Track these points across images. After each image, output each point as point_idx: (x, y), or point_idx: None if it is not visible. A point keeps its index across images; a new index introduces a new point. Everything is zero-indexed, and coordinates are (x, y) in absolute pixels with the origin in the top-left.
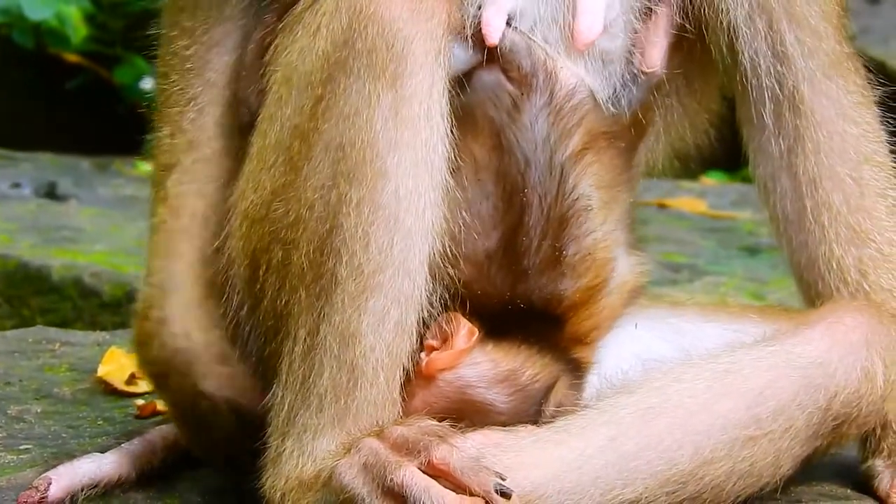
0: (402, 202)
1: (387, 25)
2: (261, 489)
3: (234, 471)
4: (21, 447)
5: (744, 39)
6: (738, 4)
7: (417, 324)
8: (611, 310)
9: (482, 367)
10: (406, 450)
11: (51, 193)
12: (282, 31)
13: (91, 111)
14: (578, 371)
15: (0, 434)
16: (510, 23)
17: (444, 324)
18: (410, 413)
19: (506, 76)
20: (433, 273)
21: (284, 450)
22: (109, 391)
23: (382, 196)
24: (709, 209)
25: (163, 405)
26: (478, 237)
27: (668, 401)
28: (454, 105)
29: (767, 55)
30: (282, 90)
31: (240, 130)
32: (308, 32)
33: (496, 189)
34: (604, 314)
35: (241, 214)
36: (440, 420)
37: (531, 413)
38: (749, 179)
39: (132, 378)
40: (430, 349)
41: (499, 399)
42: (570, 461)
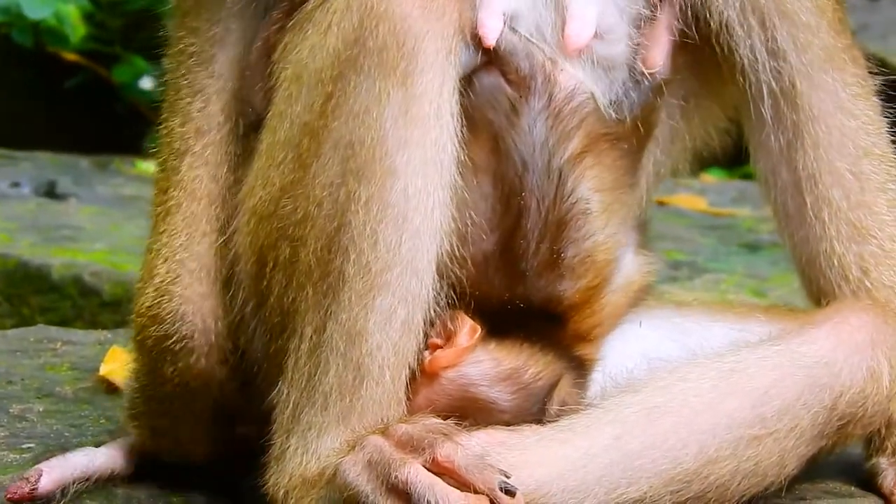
0: (411, 201)
1: (398, 23)
2: (264, 487)
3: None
4: (23, 446)
5: (738, 37)
6: (730, 4)
7: (424, 323)
8: (614, 308)
9: (485, 366)
10: (410, 447)
11: (50, 192)
12: (291, 29)
13: (90, 110)
14: (582, 369)
15: (2, 433)
16: (511, 24)
17: (448, 322)
18: (413, 411)
19: (504, 79)
20: (440, 272)
21: (289, 447)
22: (111, 390)
23: (391, 194)
24: (709, 206)
25: (144, 382)
26: (477, 238)
27: (673, 400)
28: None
29: (762, 52)
30: (292, 87)
31: (246, 129)
32: (319, 30)
33: (494, 192)
34: (606, 312)
35: (249, 210)
36: (443, 418)
37: (534, 411)
38: (749, 176)
39: None
40: (434, 347)
41: (501, 397)
42: (575, 460)
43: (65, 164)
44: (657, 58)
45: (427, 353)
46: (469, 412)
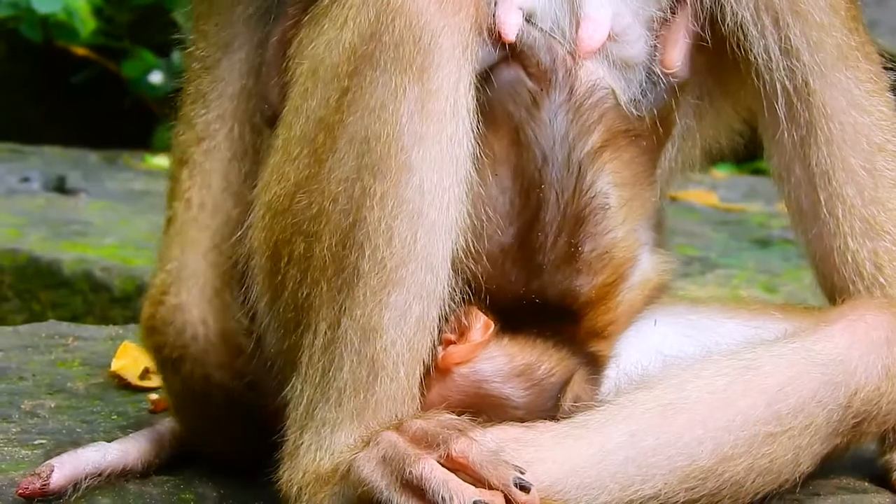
0: (426, 196)
1: (414, 18)
2: (277, 483)
3: (237, 466)
4: (35, 442)
5: (752, 37)
6: (744, 4)
7: (438, 319)
8: (630, 305)
9: (498, 362)
10: (425, 443)
11: (60, 187)
12: (307, 24)
13: (99, 105)
14: (596, 365)
15: (14, 429)
16: (530, 20)
17: (461, 317)
18: (426, 407)
19: (525, 72)
20: (455, 268)
21: (302, 443)
22: (123, 386)
23: (406, 190)
24: (720, 202)
25: (166, 395)
26: (494, 232)
27: (688, 397)
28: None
29: (775, 51)
30: (308, 83)
31: (258, 126)
32: (335, 25)
33: (513, 184)
34: (621, 309)
35: (265, 206)
36: (457, 414)
37: (548, 407)
38: (759, 171)
39: (146, 373)
40: (447, 342)
41: (515, 393)
42: (590, 456)
43: (74, 159)
44: (675, 59)
45: (440, 349)
46: (482, 408)
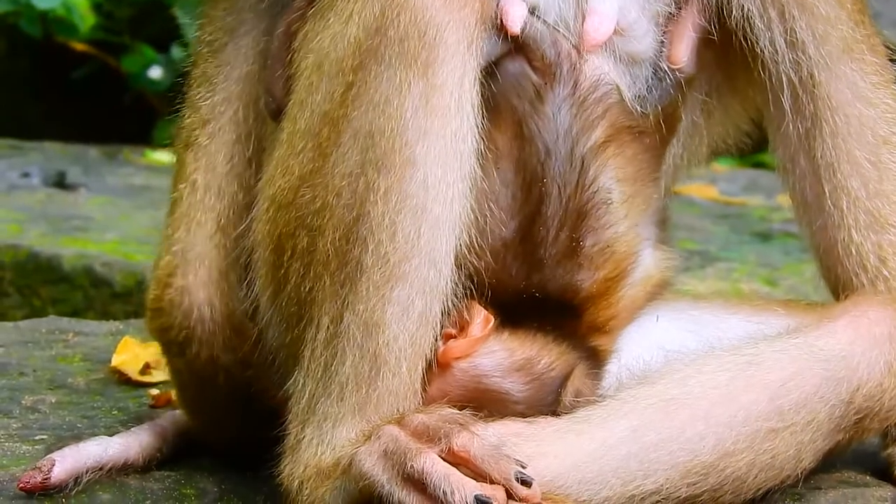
0: (430, 191)
1: (419, 13)
2: (279, 477)
3: (239, 459)
4: (36, 437)
5: (758, 30)
6: None
7: (441, 314)
8: (632, 301)
9: (498, 356)
10: (427, 437)
11: (60, 183)
12: (313, 17)
13: (99, 100)
14: (597, 360)
15: (15, 424)
16: (535, 13)
17: (461, 312)
18: (426, 402)
19: (530, 65)
20: (457, 263)
21: (304, 437)
22: (123, 381)
23: (410, 185)
24: (720, 195)
25: (171, 380)
26: (495, 226)
27: (690, 392)
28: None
29: (781, 43)
30: (312, 76)
31: (262, 110)
32: (340, 19)
33: (515, 178)
34: (623, 305)
35: (269, 199)
36: (458, 409)
37: (548, 402)
38: (760, 165)
39: (146, 368)
40: (447, 337)
41: (515, 388)
42: (591, 451)
43: (74, 155)
44: (682, 54)
45: (440, 344)
46: (482, 403)
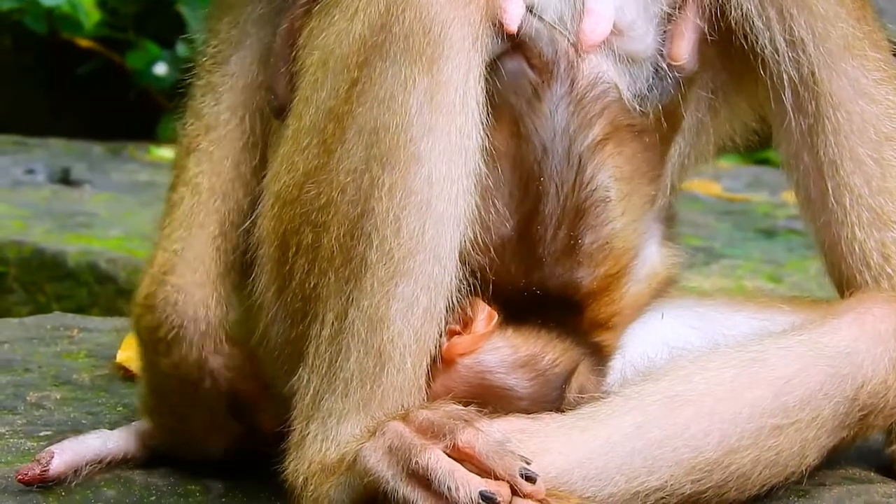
0: (435, 188)
1: (424, 10)
2: (283, 474)
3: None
4: (41, 434)
5: (757, 29)
6: None
7: (445, 310)
8: (636, 298)
9: (502, 353)
10: (431, 433)
11: (64, 179)
12: (317, 13)
13: (103, 96)
14: (601, 356)
15: (20, 420)
16: (533, 11)
17: (465, 308)
18: (430, 398)
19: (528, 63)
20: (462, 259)
21: (308, 434)
22: (128, 377)
23: (415, 181)
24: (724, 192)
25: (146, 378)
26: (496, 224)
27: (695, 389)
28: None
29: (781, 42)
30: (318, 73)
31: (267, 116)
32: (345, 16)
33: (513, 177)
34: (626, 301)
35: (274, 195)
36: (462, 405)
37: (552, 398)
38: (763, 161)
39: None
40: (451, 333)
41: (519, 384)
42: (596, 448)
43: (79, 151)
44: (682, 52)
45: (444, 340)
46: (486, 399)
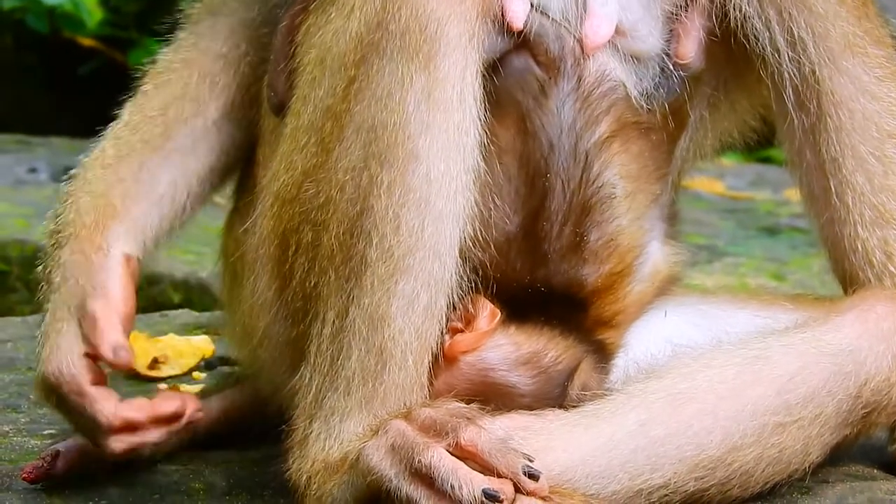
0: (434, 185)
1: (420, 7)
2: (286, 472)
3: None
4: (44, 432)
5: (758, 30)
6: None
7: (446, 307)
8: (639, 296)
9: (504, 350)
10: (434, 431)
11: (67, 178)
12: (314, 11)
13: (106, 95)
14: (604, 353)
15: (23, 419)
16: (538, 8)
17: (468, 306)
18: (433, 396)
19: (534, 60)
20: (462, 256)
21: (311, 432)
22: (132, 375)
23: (413, 179)
24: (727, 190)
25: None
26: (500, 220)
27: (698, 386)
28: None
29: (781, 42)
30: (315, 71)
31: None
32: (342, 14)
33: (519, 173)
34: (630, 299)
35: (273, 194)
36: (465, 403)
37: (555, 395)
38: (766, 160)
39: (154, 363)
40: (454, 331)
41: (521, 381)
42: (599, 445)
43: (81, 150)
44: (688, 52)
45: (447, 338)
46: (489, 396)
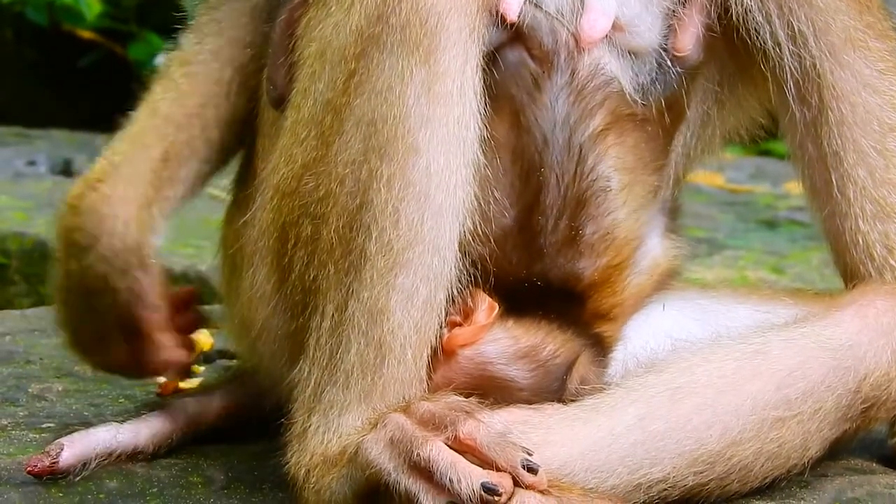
0: (433, 179)
1: (420, 1)
2: (285, 466)
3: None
4: (43, 426)
5: (758, 24)
6: None
7: (445, 301)
8: (637, 289)
9: (502, 344)
10: (433, 425)
11: (66, 171)
12: (314, 5)
13: (105, 88)
14: (602, 347)
15: (22, 412)
16: (533, 1)
17: (466, 299)
18: (431, 390)
19: (528, 53)
20: (461, 250)
21: (310, 426)
22: None
23: (413, 172)
24: (726, 183)
25: (57, 269)
26: (497, 214)
27: (697, 381)
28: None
29: (781, 36)
30: (315, 64)
31: (243, 75)
32: (342, 7)
33: (513, 167)
34: (628, 293)
35: (273, 187)
36: (463, 397)
37: (553, 389)
38: (766, 153)
39: None
40: (452, 325)
41: (519, 375)
42: (598, 439)
43: (80, 143)
44: (686, 45)
45: (445, 331)
46: (487, 390)
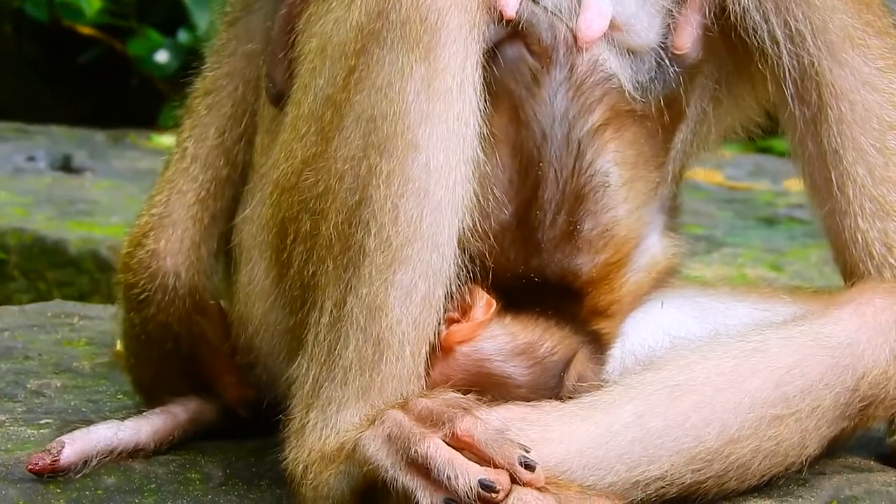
0: (433, 175)
1: None
2: (283, 462)
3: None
4: (41, 421)
5: (756, 23)
6: None
7: (444, 298)
8: (636, 287)
9: (500, 340)
10: (430, 422)
11: (66, 166)
12: (315, 1)
13: (105, 84)
14: (600, 344)
15: (20, 408)
16: None
17: (464, 296)
18: (429, 386)
19: (527, 49)
20: (460, 247)
21: (308, 422)
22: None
23: (413, 168)
24: (726, 180)
25: (121, 319)
26: (495, 210)
27: (696, 378)
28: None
29: (779, 35)
30: (316, 60)
31: (260, 90)
32: (343, 3)
33: (512, 162)
34: (626, 290)
35: (273, 183)
36: (462, 393)
37: (551, 385)
38: (766, 150)
39: None
40: (450, 321)
41: (517, 372)
42: (596, 437)
43: (80, 138)
44: (685, 43)
45: (443, 328)
46: (485, 387)
